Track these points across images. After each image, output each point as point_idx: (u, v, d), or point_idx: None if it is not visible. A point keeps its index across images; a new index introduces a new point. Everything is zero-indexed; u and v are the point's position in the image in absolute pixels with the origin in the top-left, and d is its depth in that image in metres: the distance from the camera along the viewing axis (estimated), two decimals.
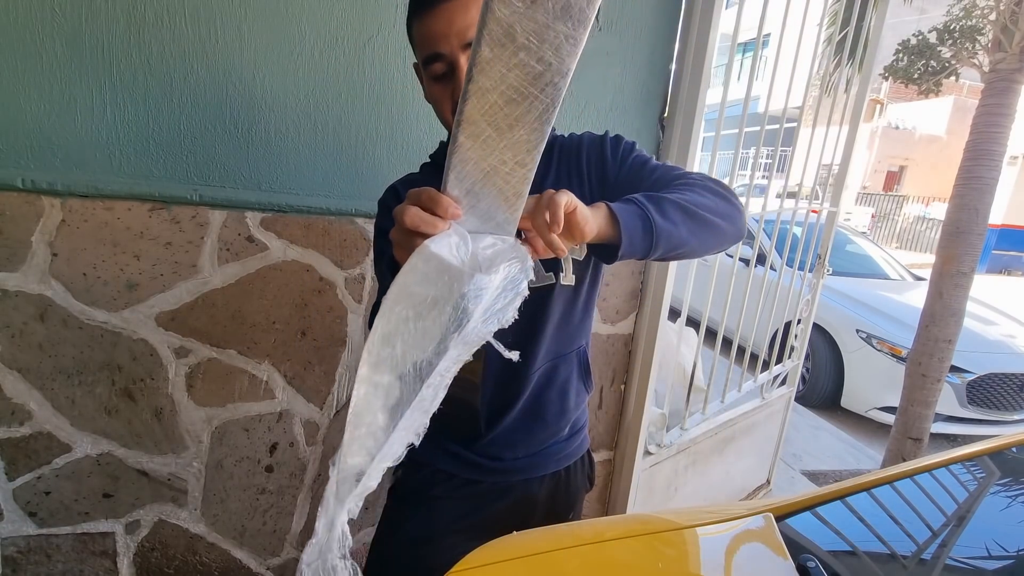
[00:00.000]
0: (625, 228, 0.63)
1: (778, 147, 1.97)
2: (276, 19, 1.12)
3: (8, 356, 1.10)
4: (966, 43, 3.19)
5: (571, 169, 0.85)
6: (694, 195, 0.71)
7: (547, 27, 0.44)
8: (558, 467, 0.94)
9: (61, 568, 1.23)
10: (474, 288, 0.50)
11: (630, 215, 0.64)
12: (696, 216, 0.69)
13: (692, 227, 0.69)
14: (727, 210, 0.74)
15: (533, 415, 0.89)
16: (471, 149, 0.50)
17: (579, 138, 0.87)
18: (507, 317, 0.53)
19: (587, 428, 1.01)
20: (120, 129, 1.08)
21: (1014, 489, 1.04)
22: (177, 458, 1.26)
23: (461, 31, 0.69)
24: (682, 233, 0.68)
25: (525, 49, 0.45)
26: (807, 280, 2.43)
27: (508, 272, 0.53)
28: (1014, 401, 3.45)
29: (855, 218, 12.92)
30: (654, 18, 1.43)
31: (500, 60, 0.45)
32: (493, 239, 0.55)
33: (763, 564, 0.81)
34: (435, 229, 0.53)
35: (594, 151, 0.85)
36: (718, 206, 0.73)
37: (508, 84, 0.47)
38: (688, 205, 0.69)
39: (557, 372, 0.89)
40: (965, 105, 14.30)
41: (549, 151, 0.86)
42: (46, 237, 1.07)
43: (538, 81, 0.47)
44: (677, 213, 0.68)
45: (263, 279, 1.23)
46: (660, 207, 0.67)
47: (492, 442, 0.89)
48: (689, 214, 0.69)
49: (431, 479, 0.92)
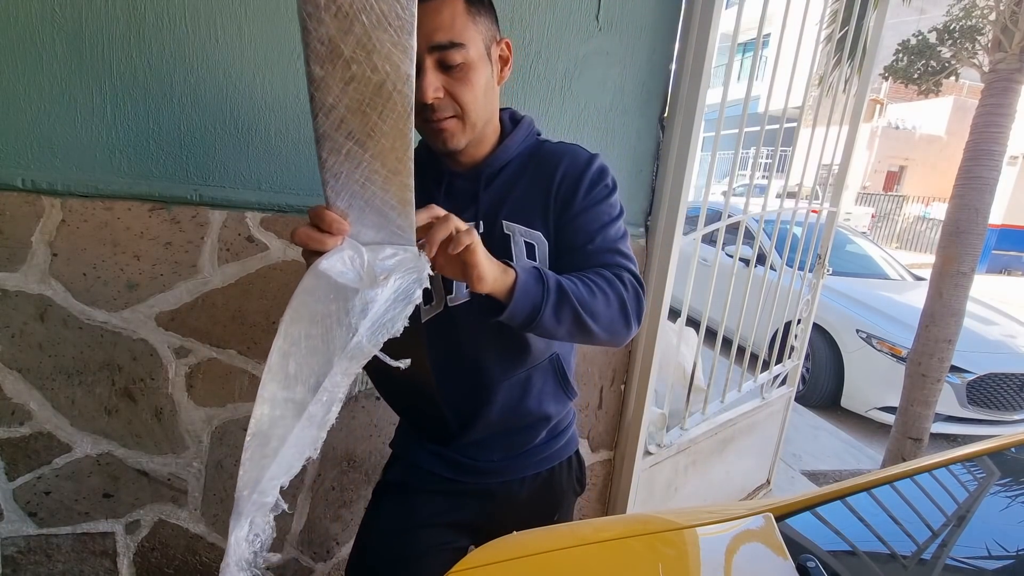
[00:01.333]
0: (512, 310, 0.66)
1: (778, 147, 1.97)
2: (276, 19, 1.12)
3: (8, 356, 1.10)
4: (966, 43, 3.19)
5: (541, 181, 0.83)
6: (602, 301, 0.73)
7: (369, 37, 0.44)
8: (539, 468, 0.93)
9: (61, 568, 1.23)
10: (360, 303, 0.52)
11: (526, 301, 0.67)
12: (583, 325, 0.72)
13: (571, 330, 0.72)
14: (619, 327, 0.76)
15: (508, 423, 0.89)
16: (337, 163, 0.51)
17: (562, 153, 0.85)
18: (396, 327, 0.54)
19: (574, 429, 1.00)
20: (120, 129, 1.08)
21: (1014, 489, 1.04)
22: (177, 458, 1.26)
23: (428, 33, 0.69)
24: (558, 332, 0.72)
25: (355, 61, 0.45)
26: (807, 280, 2.43)
27: (399, 284, 0.54)
28: (1014, 401, 3.45)
29: (855, 218, 12.91)
30: (654, 18, 1.43)
31: (334, 76, 0.46)
32: (393, 249, 0.55)
33: (763, 564, 0.81)
34: (325, 246, 0.54)
35: (571, 178, 0.82)
36: (613, 320, 0.75)
37: (350, 97, 0.47)
38: (583, 313, 0.71)
39: (531, 382, 0.88)
40: (965, 105, 14.30)
41: (525, 158, 0.85)
42: (46, 237, 1.07)
43: (381, 91, 0.47)
44: (568, 316, 0.70)
45: (263, 279, 1.23)
46: (559, 306, 0.69)
47: (467, 444, 0.89)
48: (578, 321, 0.71)
49: (411, 473, 0.94)
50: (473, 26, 0.72)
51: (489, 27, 0.76)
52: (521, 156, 0.85)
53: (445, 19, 0.70)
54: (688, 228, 1.65)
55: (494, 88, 0.79)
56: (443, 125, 0.74)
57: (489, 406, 0.87)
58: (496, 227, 0.81)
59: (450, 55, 0.70)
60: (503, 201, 0.82)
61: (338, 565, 1.47)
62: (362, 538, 0.95)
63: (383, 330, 0.54)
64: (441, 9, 0.70)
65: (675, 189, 1.51)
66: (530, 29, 1.31)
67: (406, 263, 0.56)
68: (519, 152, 0.85)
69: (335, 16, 0.44)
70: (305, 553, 1.43)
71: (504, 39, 0.80)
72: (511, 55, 0.81)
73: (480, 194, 0.82)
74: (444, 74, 0.72)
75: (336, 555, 1.46)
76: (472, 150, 0.81)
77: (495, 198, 0.82)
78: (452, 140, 0.76)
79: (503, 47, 0.80)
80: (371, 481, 1.45)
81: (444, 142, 0.76)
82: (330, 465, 1.40)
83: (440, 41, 0.69)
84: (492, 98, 0.79)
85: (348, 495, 1.43)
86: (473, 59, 0.72)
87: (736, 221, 1.94)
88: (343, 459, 1.40)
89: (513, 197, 0.82)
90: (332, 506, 1.43)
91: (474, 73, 0.73)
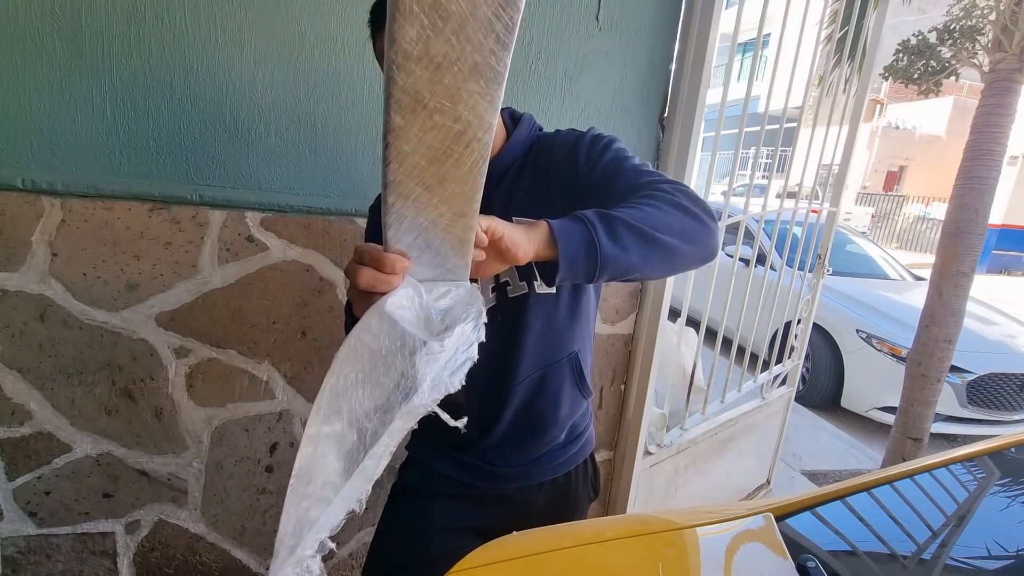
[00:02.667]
0: (565, 252, 0.61)
1: (778, 147, 1.97)
2: (276, 19, 1.12)
3: (8, 356, 1.10)
4: (966, 43, 3.19)
5: (542, 171, 0.83)
6: (656, 211, 0.66)
7: (458, 89, 0.43)
8: (556, 474, 0.93)
9: (61, 568, 1.23)
10: (425, 355, 0.49)
11: (572, 238, 0.61)
12: (652, 239, 0.64)
13: (646, 251, 0.64)
14: (694, 230, 0.68)
15: (524, 424, 0.88)
16: (403, 208, 0.49)
17: (553, 137, 0.86)
18: (455, 384, 0.51)
19: (590, 432, 0.99)
20: (120, 129, 1.08)
21: (1014, 489, 1.04)
22: (177, 458, 1.26)
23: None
24: (632, 259, 0.64)
25: (439, 112, 0.44)
26: (807, 280, 2.43)
27: (462, 334, 0.52)
28: (1014, 401, 3.45)
29: (855, 218, 12.91)
30: (654, 18, 1.43)
31: (414, 125, 0.45)
32: (447, 286, 0.54)
33: (763, 564, 0.81)
34: (390, 287, 0.52)
35: (565, 153, 0.81)
36: (684, 225, 0.67)
37: (428, 145, 0.46)
38: (644, 227, 0.64)
39: (547, 381, 0.87)
40: (965, 105, 14.29)
41: (528, 153, 0.86)
42: (46, 237, 1.07)
43: (460, 139, 0.46)
44: (629, 235, 0.63)
45: (263, 279, 1.23)
46: (611, 228, 0.63)
47: (486, 449, 0.89)
48: (644, 236, 0.64)
49: (429, 476, 0.93)
50: None
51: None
52: (524, 154, 0.86)
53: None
54: None
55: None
56: None
57: (507, 408, 0.86)
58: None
59: None
60: (512, 198, 0.83)
61: (338, 565, 1.47)
62: (378, 540, 0.94)
63: (441, 386, 0.51)
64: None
65: None
66: (530, 29, 1.31)
67: (461, 299, 0.55)
68: (523, 150, 0.86)
69: (426, 68, 0.42)
70: None
71: None
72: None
73: (492, 194, 0.82)
74: None
75: (336, 555, 1.46)
76: None
77: (505, 197, 0.84)
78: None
79: None
80: None
81: None
82: None
83: None
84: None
85: None
86: None
87: (736, 221, 1.94)
88: None
89: (520, 192, 0.83)
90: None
91: None
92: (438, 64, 0.42)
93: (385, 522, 0.95)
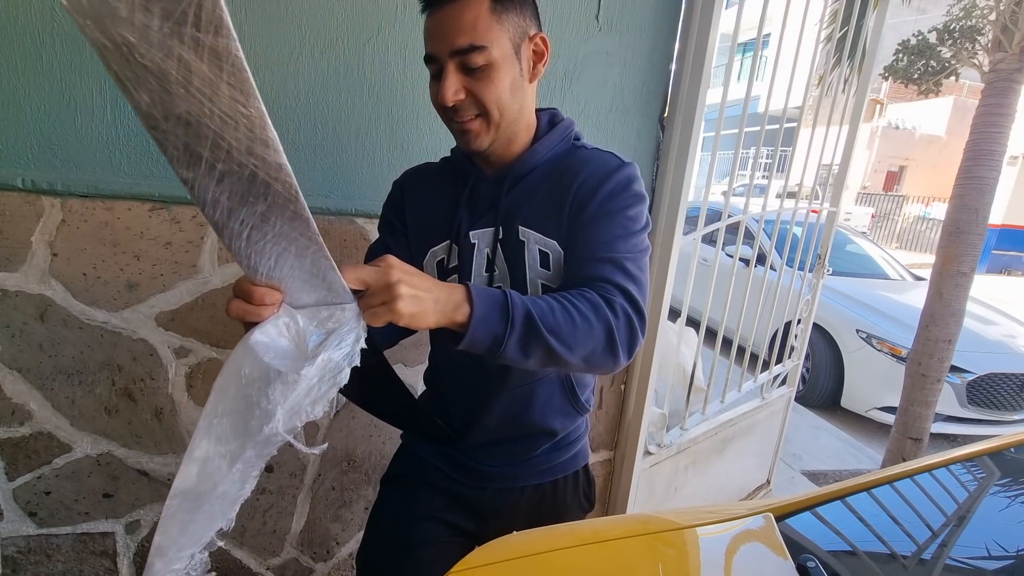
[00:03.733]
0: (472, 339, 0.61)
1: (778, 147, 1.97)
2: (276, 19, 1.12)
3: (8, 356, 1.10)
4: (966, 43, 3.19)
5: (561, 188, 0.79)
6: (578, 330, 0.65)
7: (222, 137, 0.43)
8: (541, 480, 0.92)
9: (61, 568, 1.23)
10: (280, 385, 0.51)
11: (484, 330, 0.61)
12: (556, 356, 0.65)
13: (543, 361, 0.65)
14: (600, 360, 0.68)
15: (507, 432, 0.88)
16: (243, 247, 0.50)
17: (590, 157, 0.80)
18: (316, 412, 0.53)
19: (584, 443, 0.98)
20: (120, 129, 1.08)
21: (1014, 489, 1.04)
22: (177, 458, 1.26)
23: (449, 36, 0.68)
24: (528, 363, 0.65)
25: (218, 161, 0.44)
26: (807, 280, 2.43)
27: (327, 361, 0.53)
28: (1014, 401, 3.45)
29: (855, 218, 12.92)
30: (654, 18, 1.43)
31: (203, 177, 0.45)
32: (330, 310, 0.55)
33: (763, 564, 0.81)
34: (261, 317, 0.54)
35: (590, 184, 0.77)
36: (593, 353, 0.67)
37: (229, 191, 0.46)
38: (555, 345, 0.63)
39: (534, 395, 0.86)
40: (965, 105, 14.30)
41: (555, 163, 0.81)
42: (46, 237, 1.07)
43: (255, 181, 0.46)
44: (538, 347, 0.63)
45: None
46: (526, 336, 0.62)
47: (470, 448, 0.90)
48: (550, 353, 0.64)
49: (415, 465, 0.95)
50: (498, 25, 0.70)
51: (520, 23, 0.73)
52: (551, 161, 0.82)
53: (467, 21, 0.68)
54: (688, 228, 1.65)
55: (523, 86, 0.76)
56: (467, 126, 0.74)
57: (488, 415, 0.86)
58: (512, 233, 0.79)
59: (471, 58, 0.69)
60: (521, 206, 0.80)
61: (338, 565, 1.47)
62: (368, 527, 0.96)
63: (301, 414, 0.53)
64: (463, 11, 0.68)
65: (675, 189, 1.50)
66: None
67: (346, 321, 0.55)
68: (549, 157, 0.82)
69: (181, 125, 0.41)
70: (305, 553, 1.43)
71: (538, 34, 0.77)
72: (547, 50, 0.78)
73: (501, 198, 0.80)
74: (466, 75, 0.71)
75: (336, 555, 1.46)
76: (501, 150, 0.79)
77: (515, 203, 0.80)
78: (476, 140, 0.75)
79: (537, 42, 0.76)
80: (371, 481, 1.45)
81: (468, 142, 0.76)
82: (330, 465, 1.40)
83: (460, 45, 0.69)
84: (521, 96, 0.76)
85: (348, 495, 1.43)
86: (496, 59, 0.70)
87: (736, 221, 1.94)
88: (343, 459, 1.40)
89: (532, 203, 0.80)
90: (332, 506, 1.43)
91: (497, 73, 0.71)
92: (188, 121, 0.41)
93: (374, 510, 0.97)
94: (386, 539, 0.91)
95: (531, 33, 0.75)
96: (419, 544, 0.89)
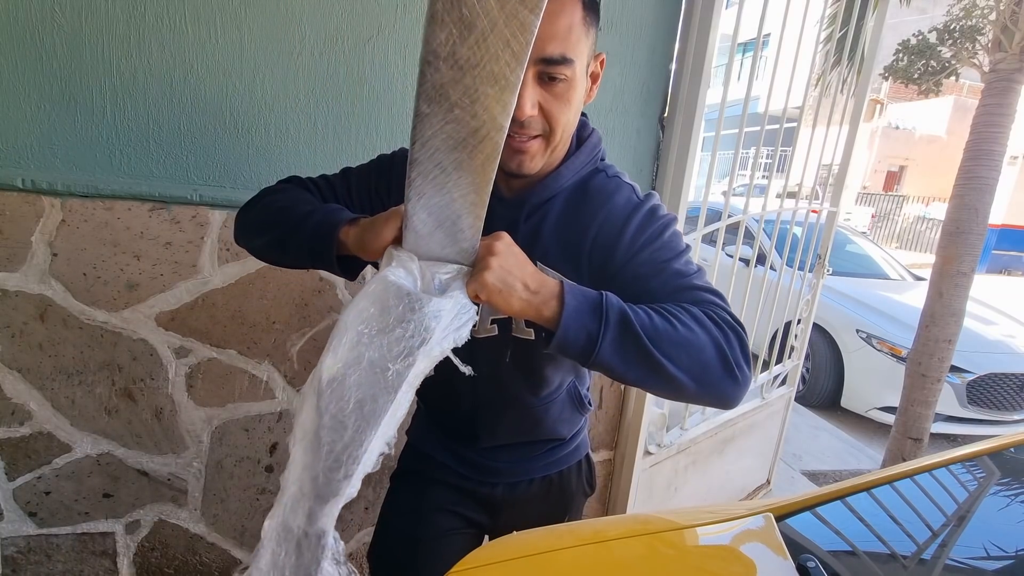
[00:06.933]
0: (562, 338, 0.56)
1: (778, 147, 1.97)
2: (276, 19, 1.12)
3: (8, 356, 1.10)
4: (966, 43, 3.19)
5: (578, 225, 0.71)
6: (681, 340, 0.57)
7: (476, 90, 0.51)
8: (548, 472, 0.94)
9: (61, 568, 1.23)
10: (432, 310, 0.56)
11: (575, 329, 0.56)
12: (660, 369, 0.57)
13: (645, 374, 0.58)
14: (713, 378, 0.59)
15: (518, 439, 0.90)
16: (423, 185, 0.57)
17: (608, 195, 0.72)
18: (463, 335, 0.58)
19: (584, 435, 1.00)
20: (120, 129, 1.08)
21: (1014, 489, 1.04)
22: (177, 458, 1.26)
23: (540, 43, 0.56)
24: (630, 375, 0.58)
25: (459, 106, 0.52)
26: (807, 280, 2.43)
27: (459, 299, 0.58)
28: (1014, 401, 3.45)
29: (855, 218, 12.92)
30: (654, 18, 1.43)
31: (437, 114, 0.53)
32: (450, 267, 0.60)
33: (763, 564, 0.81)
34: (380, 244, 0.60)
35: (611, 227, 0.70)
36: (704, 369, 0.58)
37: (447, 134, 0.54)
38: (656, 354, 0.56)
39: (548, 412, 0.88)
40: (965, 105, 14.29)
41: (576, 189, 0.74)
42: (46, 237, 1.07)
43: (476, 134, 0.53)
44: (637, 354, 0.56)
45: (263, 279, 1.23)
46: (621, 339, 0.56)
47: (483, 445, 0.90)
48: (651, 363, 0.57)
49: (424, 462, 0.95)
50: (586, 39, 0.63)
51: (594, 39, 0.66)
52: (573, 186, 0.74)
53: (561, 27, 0.59)
54: (688, 228, 1.65)
55: (580, 108, 0.69)
56: (526, 145, 0.65)
57: (500, 427, 0.88)
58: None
59: (558, 70, 0.61)
60: (539, 238, 0.73)
61: None
62: (380, 522, 0.97)
63: (450, 337, 0.57)
64: (558, 15, 0.59)
65: (675, 189, 1.50)
66: None
67: (462, 278, 0.59)
68: (573, 181, 0.74)
69: (451, 67, 0.50)
70: None
71: (600, 54, 0.70)
72: (602, 71, 0.71)
73: (520, 225, 0.73)
74: (543, 88, 0.62)
75: None
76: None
77: (533, 233, 0.73)
78: (531, 163, 0.66)
79: (598, 63, 0.70)
80: (371, 481, 1.45)
81: (520, 163, 0.66)
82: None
83: (551, 55, 0.59)
84: (577, 119, 0.70)
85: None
86: (577, 76, 0.63)
87: (736, 221, 1.94)
88: None
89: (550, 236, 0.73)
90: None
91: (574, 92, 0.64)
92: (461, 66, 0.50)
93: (385, 505, 0.98)
94: (401, 532, 0.92)
95: (595, 52, 0.69)
96: (434, 536, 0.90)
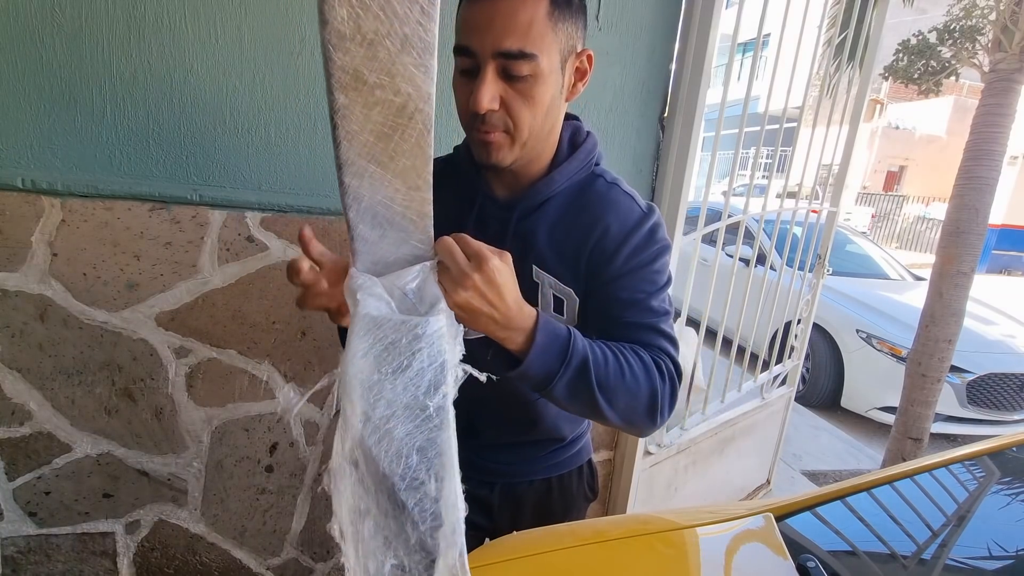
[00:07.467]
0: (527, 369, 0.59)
1: (778, 147, 1.97)
2: (276, 19, 1.12)
3: (8, 356, 1.10)
4: (966, 43, 3.19)
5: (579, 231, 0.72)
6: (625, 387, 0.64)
7: (393, 62, 0.45)
8: (548, 474, 0.93)
9: (61, 568, 1.23)
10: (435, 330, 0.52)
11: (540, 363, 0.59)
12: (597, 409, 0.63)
13: (582, 410, 0.65)
14: (638, 420, 0.66)
15: (517, 437, 0.89)
16: (360, 187, 0.51)
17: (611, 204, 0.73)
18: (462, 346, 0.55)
19: (587, 439, 0.99)
20: (120, 129, 1.08)
21: (1014, 489, 1.04)
22: (177, 458, 1.26)
23: (497, 35, 0.59)
24: (570, 407, 0.65)
25: (379, 87, 0.46)
26: (807, 280, 2.43)
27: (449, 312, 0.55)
28: (1014, 401, 3.45)
29: (855, 218, 12.91)
30: (654, 18, 1.43)
31: (357, 103, 0.47)
32: (414, 271, 0.55)
33: (763, 564, 0.81)
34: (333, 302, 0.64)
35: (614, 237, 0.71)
36: (633, 413, 0.65)
37: (374, 122, 0.48)
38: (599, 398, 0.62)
39: (547, 406, 0.86)
40: (965, 105, 14.29)
41: (573, 194, 0.74)
42: (46, 237, 1.07)
43: (403, 112, 0.48)
44: (583, 395, 0.62)
45: (263, 279, 1.23)
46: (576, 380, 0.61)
47: (477, 446, 0.90)
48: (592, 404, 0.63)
49: None
50: (552, 34, 0.62)
51: (571, 35, 0.65)
52: (569, 190, 0.74)
53: (521, 21, 0.59)
54: (688, 228, 1.65)
55: (559, 104, 0.68)
56: (490, 137, 0.65)
57: (500, 424, 0.87)
58: (524, 272, 0.71)
59: (517, 65, 0.60)
60: (534, 242, 0.72)
61: (338, 565, 1.47)
62: None
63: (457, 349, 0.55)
64: (519, 8, 0.59)
65: (675, 189, 1.50)
66: None
67: (430, 281, 0.55)
68: (568, 185, 0.74)
69: (360, 44, 0.44)
70: (305, 553, 1.43)
71: (586, 51, 0.69)
72: (591, 68, 0.70)
73: (511, 226, 0.73)
74: (505, 82, 0.62)
75: (336, 555, 1.46)
76: (520, 169, 0.72)
77: (527, 238, 0.73)
78: (498, 154, 0.66)
79: (584, 59, 0.69)
80: None
81: (488, 155, 0.67)
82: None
83: (508, 48, 0.59)
84: (555, 115, 0.69)
85: None
86: (543, 72, 0.62)
87: (736, 221, 1.94)
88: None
89: (547, 241, 0.73)
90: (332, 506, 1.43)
91: (540, 88, 0.63)
92: (371, 40, 0.44)
93: None
94: None
95: (579, 49, 0.68)
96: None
